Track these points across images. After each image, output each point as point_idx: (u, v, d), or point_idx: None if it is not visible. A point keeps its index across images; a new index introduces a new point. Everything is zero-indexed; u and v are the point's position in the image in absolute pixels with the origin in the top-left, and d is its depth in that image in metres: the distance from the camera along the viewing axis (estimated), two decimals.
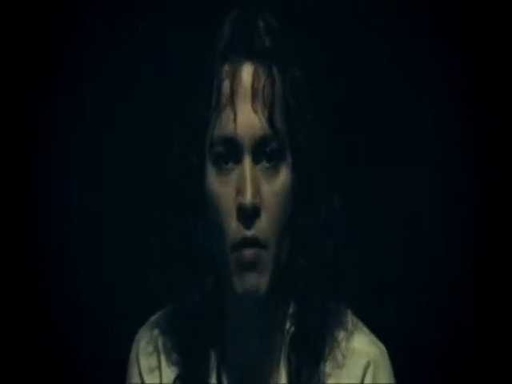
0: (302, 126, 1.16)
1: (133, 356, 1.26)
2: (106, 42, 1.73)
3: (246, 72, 1.14)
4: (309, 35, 1.61)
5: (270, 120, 1.13)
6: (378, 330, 1.25)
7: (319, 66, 1.44)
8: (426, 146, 1.75)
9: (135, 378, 1.25)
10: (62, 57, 1.74)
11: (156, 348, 1.24)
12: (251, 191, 1.10)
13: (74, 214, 1.77)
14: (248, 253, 1.12)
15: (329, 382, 1.18)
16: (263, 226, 1.12)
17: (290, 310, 1.20)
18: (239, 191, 1.11)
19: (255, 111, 1.12)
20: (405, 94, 1.74)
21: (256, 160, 1.13)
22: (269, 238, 1.12)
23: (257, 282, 1.12)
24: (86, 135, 1.76)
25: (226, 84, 1.14)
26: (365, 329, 1.23)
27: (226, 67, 1.15)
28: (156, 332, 1.25)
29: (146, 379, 1.24)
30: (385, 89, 1.73)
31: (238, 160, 1.13)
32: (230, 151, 1.13)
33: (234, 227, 1.12)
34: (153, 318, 1.29)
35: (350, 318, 1.22)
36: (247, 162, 1.12)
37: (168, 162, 1.20)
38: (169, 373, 1.22)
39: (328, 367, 1.18)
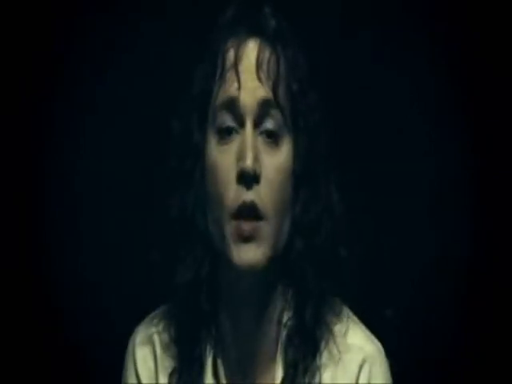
0: (304, 107, 1.18)
1: (129, 353, 1.26)
2: (109, 17, 1.72)
3: (252, 46, 1.16)
4: (310, 26, 1.60)
5: (274, 87, 1.14)
6: (378, 330, 1.25)
7: (320, 57, 1.43)
8: (427, 144, 1.75)
9: (131, 376, 1.25)
10: (62, 57, 1.74)
11: (152, 345, 1.24)
12: (252, 156, 1.12)
13: (74, 187, 1.76)
14: (246, 226, 1.12)
15: (325, 375, 1.18)
16: (262, 193, 1.13)
17: (287, 303, 1.20)
18: (240, 158, 1.12)
19: (259, 78, 1.14)
20: (407, 94, 1.74)
21: (257, 127, 1.14)
22: (267, 208, 1.13)
23: (255, 253, 1.13)
24: (87, 108, 1.75)
25: (231, 54, 1.16)
26: (361, 325, 1.23)
27: (232, 40, 1.17)
28: (152, 329, 1.26)
29: (142, 377, 1.24)
30: (384, 89, 1.73)
31: (240, 126, 1.14)
32: (232, 116, 1.14)
33: (233, 192, 1.13)
34: (149, 316, 1.29)
35: (347, 314, 1.22)
36: (249, 127, 1.13)
37: (170, 134, 1.20)
38: (165, 369, 1.22)
39: (324, 361, 1.18)
